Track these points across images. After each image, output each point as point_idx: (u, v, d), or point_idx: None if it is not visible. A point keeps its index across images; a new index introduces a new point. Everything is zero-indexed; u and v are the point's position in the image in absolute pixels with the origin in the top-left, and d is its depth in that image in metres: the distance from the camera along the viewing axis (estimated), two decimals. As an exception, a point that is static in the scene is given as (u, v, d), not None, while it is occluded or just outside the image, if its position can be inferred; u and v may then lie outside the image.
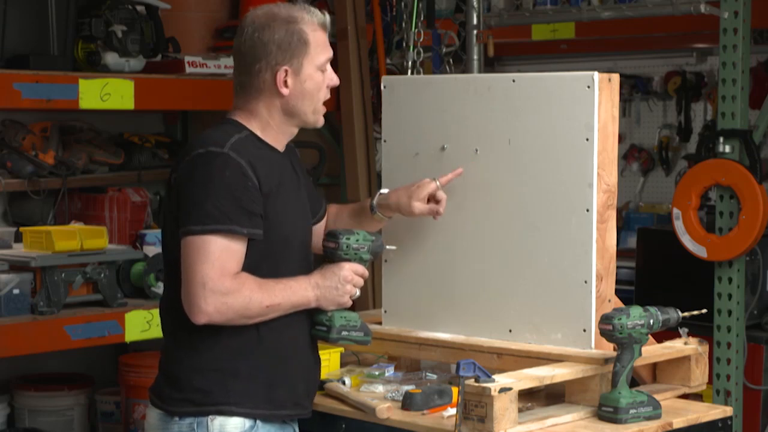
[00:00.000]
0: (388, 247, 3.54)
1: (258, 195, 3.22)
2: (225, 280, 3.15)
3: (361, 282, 3.36)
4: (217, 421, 3.24)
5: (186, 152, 3.29)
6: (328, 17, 3.39)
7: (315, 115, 3.37)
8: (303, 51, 3.31)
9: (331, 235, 3.39)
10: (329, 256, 3.38)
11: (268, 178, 3.26)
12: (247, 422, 3.26)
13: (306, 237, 3.43)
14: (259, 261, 3.24)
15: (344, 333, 3.36)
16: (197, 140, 3.31)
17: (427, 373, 3.76)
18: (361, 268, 3.36)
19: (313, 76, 3.33)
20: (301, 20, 3.32)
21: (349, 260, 3.36)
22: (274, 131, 3.36)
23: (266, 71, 3.30)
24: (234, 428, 3.25)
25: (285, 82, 3.30)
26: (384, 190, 3.71)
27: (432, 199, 3.63)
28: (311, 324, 3.38)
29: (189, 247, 3.17)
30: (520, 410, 3.26)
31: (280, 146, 3.39)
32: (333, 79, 3.39)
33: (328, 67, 3.37)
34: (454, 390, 3.38)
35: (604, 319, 3.31)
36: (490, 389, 3.14)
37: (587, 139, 3.45)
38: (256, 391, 3.27)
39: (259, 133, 3.34)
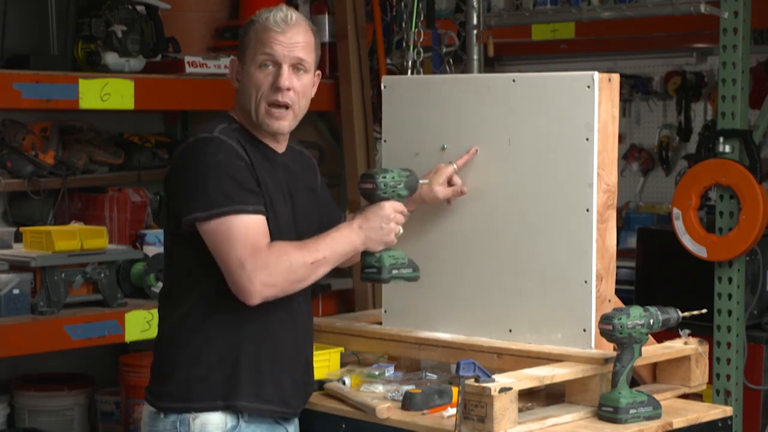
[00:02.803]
0: (421, 181, 3.54)
1: (251, 175, 3.24)
2: (260, 255, 3.16)
3: (402, 219, 3.39)
4: (199, 420, 3.25)
5: (181, 145, 3.33)
6: (290, 14, 3.34)
7: (260, 116, 3.32)
8: (247, 46, 3.35)
9: (366, 177, 3.40)
10: (368, 197, 3.41)
11: (258, 165, 3.28)
12: (229, 422, 3.27)
13: (301, 237, 3.42)
14: None
15: (395, 272, 3.40)
16: (189, 132, 3.36)
17: (427, 373, 3.76)
18: (400, 206, 3.39)
19: (251, 74, 3.33)
20: (257, 17, 3.36)
21: (388, 199, 3.38)
22: (254, 127, 3.36)
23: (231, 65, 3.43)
24: (215, 428, 3.26)
25: (236, 75, 3.38)
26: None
27: (450, 182, 3.65)
28: (360, 268, 3.41)
29: (210, 235, 3.18)
30: (520, 410, 3.26)
31: (275, 145, 3.39)
32: (280, 81, 3.29)
33: (281, 70, 3.30)
34: (454, 390, 3.38)
35: (604, 319, 3.31)
36: (490, 389, 3.14)
37: (587, 139, 3.45)
38: (241, 385, 3.26)
39: (250, 128, 3.36)
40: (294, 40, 3.32)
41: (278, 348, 3.32)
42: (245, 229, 3.17)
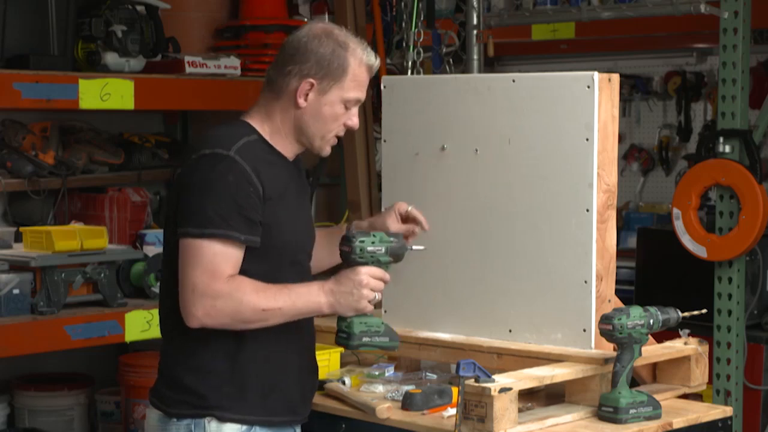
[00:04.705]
0: (415, 247, 3.44)
1: (259, 202, 3.20)
2: (215, 284, 3.13)
3: (380, 285, 3.28)
4: (214, 424, 3.24)
5: (193, 150, 3.27)
6: (377, 64, 3.35)
7: (322, 141, 3.33)
8: (337, 76, 3.28)
9: (345, 239, 3.32)
10: (344, 260, 3.33)
11: (272, 184, 3.24)
12: (243, 427, 3.27)
13: (308, 246, 3.42)
14: (255, 266, 3.22)
15: (366, 339, 3.31)
16: (206, 139, 3.28)
17: (427, 373, 3.76)
18: (378, 272, 3.28)
19: (334, 105, 3.29)
20: (352, 51, 3.29)
21: (365, 264, 3.29)
22: (282, 139, 3.33)
23: (295, 76, 3.28)
24: (231, 430, 3.25)
25: (306, 95, 3.28)
26: (356, 222, 3.67)
27: (408, 219, 3.58)
28: (335, 331, 3.36)
29: (184, 250, 3.17)
30: (520, 410, 3.26)
31: (289, 155, 3.36)
32: (353, 120, 3.34)
33: (354, 108, 3.33)
34: (454, 390, 3.38)
35: (604, 319, 3.31)
36: (490, 389, 3.14)
37: (587, 139, 3.45)
38: (250, 397, 3.26)
39: (268, 137, 3.31)
40: None
41: (288, 356, 3.32)
42: (213, 255, 3.14)
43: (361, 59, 3.30)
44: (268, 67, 3.37)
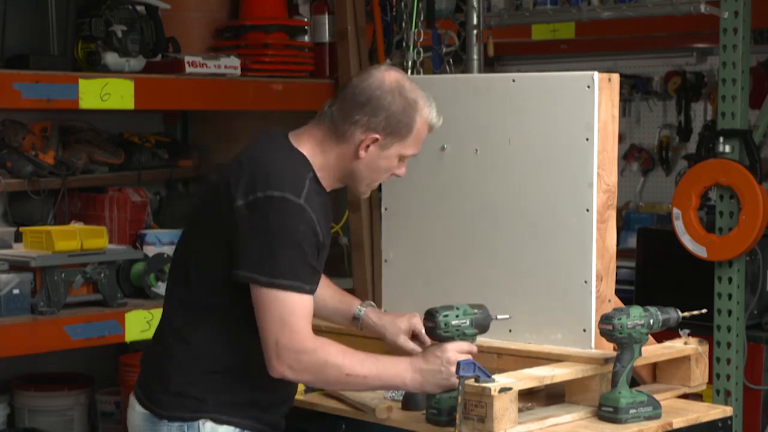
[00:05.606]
0: (499, 317, 3.37)
1: (318, 252, 3.20)
2: (297, 338, 3.12)
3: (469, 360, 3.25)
4: (209, 425, 3.23)
5: (256, 184, 3.16)
6: (440, 124, 3.34)
7: (367, 187, 3.35)
8: (402, 135, 3.27)
9: (428, 314, 3.29)
10: (430, 335, 3.31)
11: (325, 230, 3.24)
12: (237, 430, 3.26)
13: None
14: None
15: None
16: (268, 174, 3.18)
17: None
18: (466, 345, 3.25)
19: (391, 159, 3.29)
20: (420, 110, 3.29)
21: (451, 338, 3.25)
22: (328, 175, 3.30)
23: (361, 127, 3.25)
24: (225, 431, 3.25)
25: (367, 147, 3.26)
26: (371, 305, 3.64)
27: (415, 335, 3.56)
28: (425, 407, 3.32)
29: (260, 300, 3.14)
30: (520, 410, 3.26)
31: (327, 188, 3.34)
32: (401, 171, 3.35)
33: (406, 160, 3.34)
34: (454, 390, 3.38)
35: (604, 319, 3.31)
36: (490, 389, 3.14)
37: (587, 139, 3.46)
38: (248, 410, 3.26)
39: (316, 169, 3.28)
40: None
41: (293, 384, 3.33)
42: (286, 307, 3.12)
43: (426, 119, 3.30)
44: (333, 104, 3.31)
